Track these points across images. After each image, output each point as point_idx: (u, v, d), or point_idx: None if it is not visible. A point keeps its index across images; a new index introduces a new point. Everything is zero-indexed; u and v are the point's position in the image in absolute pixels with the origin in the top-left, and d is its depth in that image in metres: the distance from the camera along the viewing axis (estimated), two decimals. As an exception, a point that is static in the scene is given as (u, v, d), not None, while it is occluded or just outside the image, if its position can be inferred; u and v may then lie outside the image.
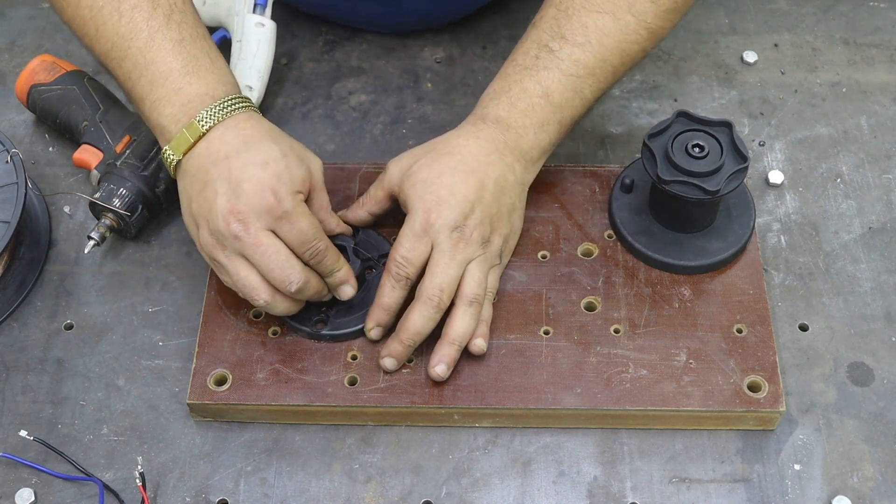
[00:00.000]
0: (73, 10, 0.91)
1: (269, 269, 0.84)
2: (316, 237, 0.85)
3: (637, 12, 0.92)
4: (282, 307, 0.87)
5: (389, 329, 0.90)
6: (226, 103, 0.87)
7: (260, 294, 0.85)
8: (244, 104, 0.88)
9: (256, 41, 1.06)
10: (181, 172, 0.88)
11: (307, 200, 0.88)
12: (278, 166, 0.84)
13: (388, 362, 0.88)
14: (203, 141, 0.86)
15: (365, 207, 0.95)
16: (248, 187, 0.83)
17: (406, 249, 0.88)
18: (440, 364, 0.87)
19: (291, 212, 0.84)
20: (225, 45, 1.10)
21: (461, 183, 0.88)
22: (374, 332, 0.90)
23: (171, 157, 0.87)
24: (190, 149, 0.86)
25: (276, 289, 0.85)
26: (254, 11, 1.08)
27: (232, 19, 1.09)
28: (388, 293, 0.89)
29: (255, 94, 1.07)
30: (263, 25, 1.07)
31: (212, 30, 1.14)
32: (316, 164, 0.90)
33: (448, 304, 0.87)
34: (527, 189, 0.95)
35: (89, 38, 0.91)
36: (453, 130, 0.93)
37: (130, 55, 0.88)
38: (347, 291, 0.90)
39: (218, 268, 0.87)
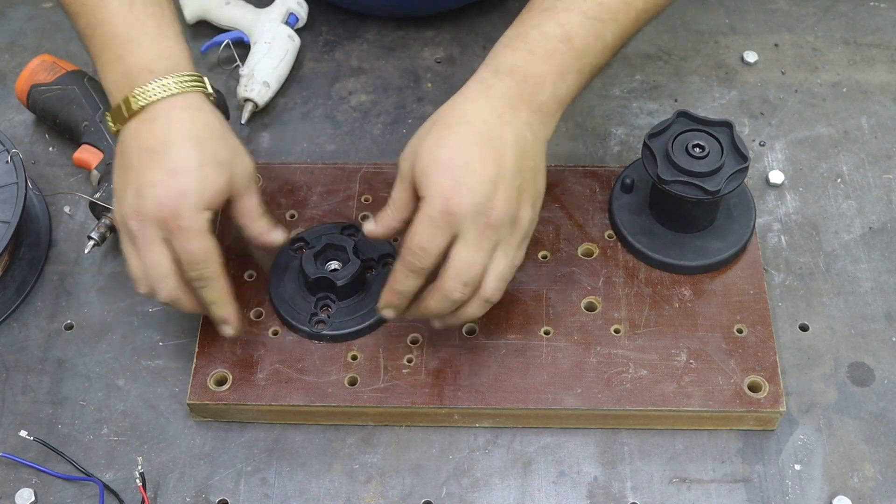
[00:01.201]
0: None
1: (147, 272, 0.83)
2: (203, 262, 0.82)
3: None
4: (162, 301, 0.85)
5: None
6: (163, 83, 0.83)
7: (138, 286, 0.84)
8: (186, 84, 0.83)
9: (285, 49, 1.13)
10: (118, 142, 0.86)
11: (230, 205, 0.85)
12: (188, 178, 0.81)
13: (388, 313, 0.86)
14: (135, 120, 0.83)
15: (396, 216, 0.85)
16: (153, 194, 0.80)
17: (424, 240, 0.80)
18: (436, 322, 0.85)
19: (186, 230, 0.81)
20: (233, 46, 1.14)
21: (478, 158, 0.79)
22: (386, 312, 0.86)
23: (111, 124, 0.86)
24: (124, 123, 0.84)
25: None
26: (285, 23, 1.15)
27: (259, 24, 1.14)
28: (402, 282, 0.82)
29: (270, 92, 1.11)
30: (293, 39, 1.14)
31: (223, 30, 1.16)
32: (243, 168, 0.84)
33: (470, 296, 0.81)
34: (545, 146, 0.85)
35: None
36: (461, 91, 0.84)
37: (84, 13, 0.86)
38: (226, 332, 0.87)
39: (121, 238, 0.86)
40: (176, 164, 0.81)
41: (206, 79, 0.86)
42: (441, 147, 0.80)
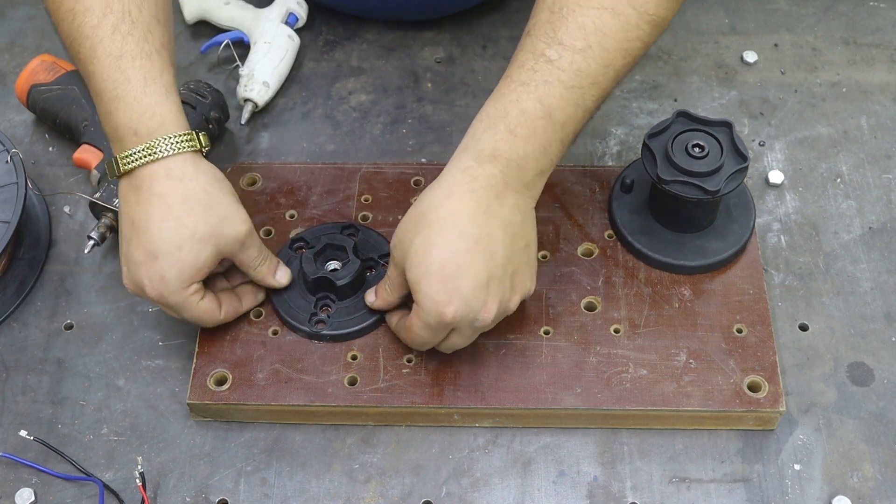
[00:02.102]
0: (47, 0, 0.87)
1: (182, 316, 0.88)
2: (199, 321, 0.88)
3: (637, 3, 0.81)
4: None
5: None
6: (144, 149, 0.82)
7: None
8: (172, 146, 0.82)
9: (285, 49, 1.13)
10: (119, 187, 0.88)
11: (233, 260, 0.88)
12: (167, 262, 0.82)
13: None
14: (124, 181, 0.84)
15: (393, 294, 0.88)
16: (138, 274, 0.84)
17: (423, 339, 0.84)
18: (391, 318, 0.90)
19: (174, 306, 0.85)
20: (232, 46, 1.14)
21: (469, 265, 0.79)
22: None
23: (109, 175, 0.87)
24: (118, 178, 0.85)
25: None
26: (285, 22, 1.15)
27: (259, 24, 1.14)
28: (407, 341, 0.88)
29: (270, 92, 1.11)
30: (293, 39, 1.14)
31: (223, 30, 1.16)
32: (231, 234, 0.85)
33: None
34: (533, 209, 0.85)
35: (58, 29, 0.87)
36: (445, 179, 0.82)
37: (80, 59, 0.85)
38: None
39: None
40: (155, 246, 0.82)
41: (197, 133, 0.85)
42: (431, 255, 0.80)
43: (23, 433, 0.88)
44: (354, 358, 0.91)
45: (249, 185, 1.01)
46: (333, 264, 0.94)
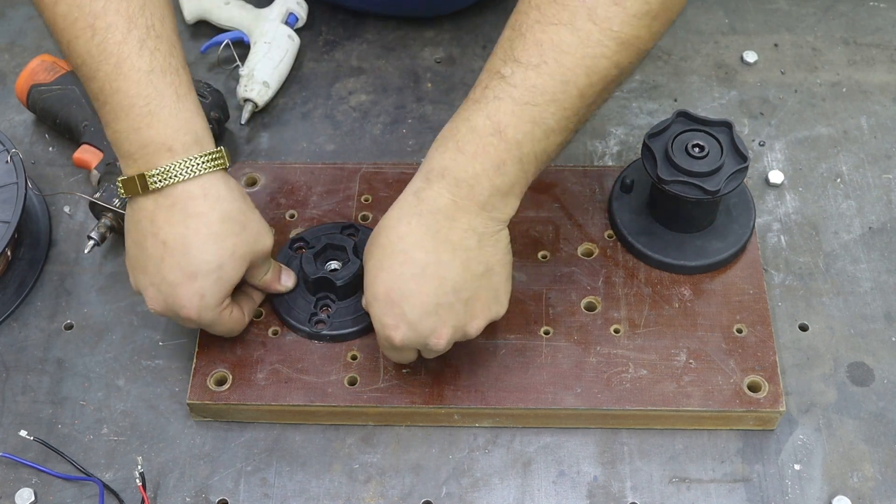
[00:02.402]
0: (49, 13, 0.82)
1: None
2: (232, 332, 0.89)
3: (599, 19, 0.76)
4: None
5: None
6: (181, 166, 0.81)
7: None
8: (205, 164, 0.82)
9: (285, 49, 1.13)
10: (128, 209, 0.85)
11: (248, 273, 0.88)
12: (207, 281, 0.82)
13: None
14: (150, 200, 0.82)
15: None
16: (173, 294, 0.83)
17: (393, 358, 0.87)
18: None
19: (209, 323, 0.86)
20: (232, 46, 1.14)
21: (415, 292, 0.79)
22: None
23: (121, 191, 0.83)
24: (137, 196, 0.82)
25: None
26: (285, 22, 1.15)
27: (259, 24, 1.14)
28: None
29: (270, 92, 1.11)
30: (293, 39, 1.14)
31: (223, 30, 1.16)
32: (261, 250, 0.86)
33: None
34: (502, 232, 0.82)
35: (63, 47, 0.84)
36: (396, 205, 0.82)
37: (99, 77, 0.81)
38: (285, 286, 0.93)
39: None
40: (195, 266, 0.82)
41: (224, 150, 0.84)
42: (378, 279, 0.81)
43: (23, 433, 0.88)
44: (354, 358, 0.91)
45: (249, 186, 1.01)
46: (333, 264, 0.94)
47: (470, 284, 0.80)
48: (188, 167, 0.81)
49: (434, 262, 0.79)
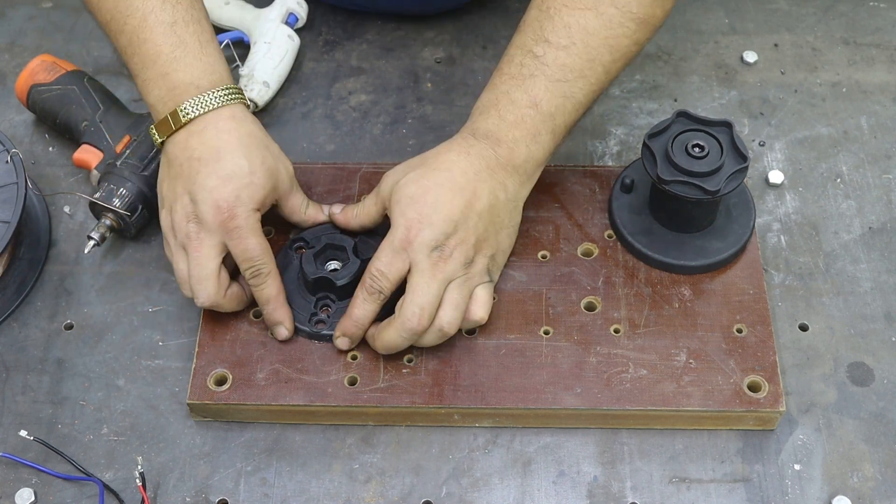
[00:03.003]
0: None
1: (191, 273, 0.88)
2: (260, 258, 0.88)
3: (620, 4, 0.88)
4: (200, 304, 0.90)
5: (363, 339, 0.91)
6: (210, 96, 0.88)
7: (184, 288, 0.90)
8: (229, 97, 0.89)
9: (285, 49, 1.13)
10: (163, 153, 0.91)
11: (279, 205, 0.92)
12: (241, 182, 0.86)
13: (342, 343, 0.90)
14: (183, 131, 0.88)
15: (358, 220, 0.93)
16: (209, 199, 0.86)
17: (383, 263, 0.86)
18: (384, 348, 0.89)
19: (243, 228, 0.86)
20: (232, 46, 1.14)
21: (447, 202, 0.86)
22: (340, 342, 0.90)
23: (156, 137, 0.90)
24: (171, 135, 0.89)
25: None
26: (285, 23, 1.15)
27: (259, 24, 1.14)
28: (360, 305, 0.88)
29: (270, 92, 1.11)
30: (293, 39, 1.14)
31: (223, 30, 1.16)
32: (285, 171, 0.91)
33: (427, 325, 0.85)
34: (521, 205, 0.92)
35: (92, 7, 0.93)
36: (445, 143, 0.91)
37: (126, 31, 0.89)
38: (282, 333, 0.91)
39: (166, 245, 0.92)
40: (229, 170, 0.86)
41: (244, 91, 0.91)
42: (419, 186, 0.87)
43: (23, 433, 0.88)
44: (354, 358, 0.91)
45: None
46: (333, 264, 0.94)
47: (487, 226, 0.88)
48: (216, 97, 0.88)
49: (470, 189, 0.87)
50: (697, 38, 1.18)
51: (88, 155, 1.02)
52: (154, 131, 0.90)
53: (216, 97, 0.88)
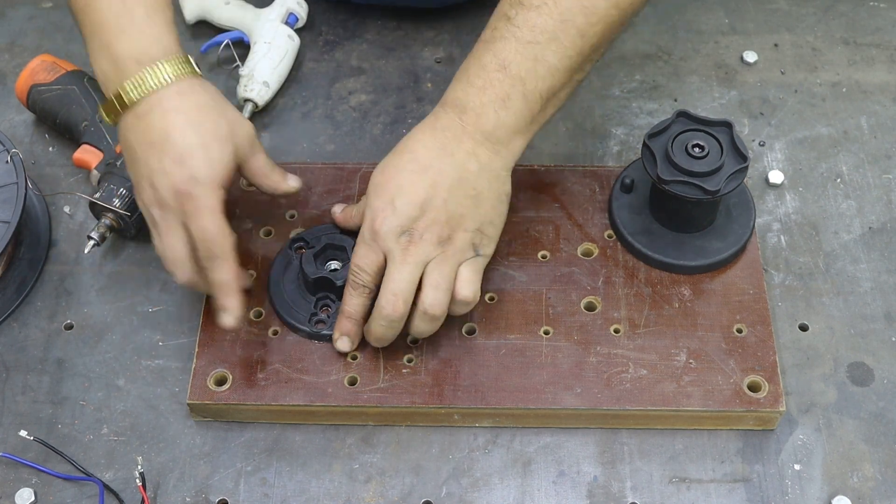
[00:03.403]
0: None
1: (166, 255, 0.87)
2: (213, 240, 0.84)
3: None
4: (179, 284, 0.89)
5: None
6: (152, 73, 0.84)
7: (164, 265, 0.88)
8: (174, 71, 0.85)
9: (285, 49, 1.13)
10: (119, 135, 0.89)
11: (242, 170, 0.89)
12: (195, 161, 0.84)
13: (343, 345, 0.90)
14: (130, 114, 0.85)
15: (356, 220, 0.92)
16: (166, 183, 0.84)
17: (359, 257, 0.86)
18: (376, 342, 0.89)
19: (201, 209, 0.84)
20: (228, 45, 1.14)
21: (409, 183, 0.85)
22: (340, 343, 0.89)
23: (106, 119, 0.88)
24: (120, 118, 0.86)
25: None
26: (285, 23, 1.15)
27: (259, 24, 1.14)
28: (348, 301, 0.88)
29: (269, 92, 1.11)
30: (293, 39, 1.14)
31: (223, 30, 1.16)
32: (243, 134, 0.88)
33: (405, 310, 0.85)
34: (504, 174, 0.89)
35: None
36: (416, 126, 0.90)
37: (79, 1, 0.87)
38: (226, 321, 0.87)
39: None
40: (180, 150, 0.84)
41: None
42: (384, 173, 0.87)
43: (23, 433, 0.88)
44: (354, 358, 0.91)
45: (249, 186, 1.01)
46: (333, 264, 0.94)
47: (459, 201, 0.86)
48: (159, 74, 0.84)
49: (434, 167, 0.86)
50: (697, 38, 1.18)
51: (88, 155, 1.02)
52: (102, 111, 0.88)
53: (159, 73, 0.84)
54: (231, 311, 0.86)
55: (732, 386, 0.88)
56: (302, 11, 1.17)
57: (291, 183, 0.92)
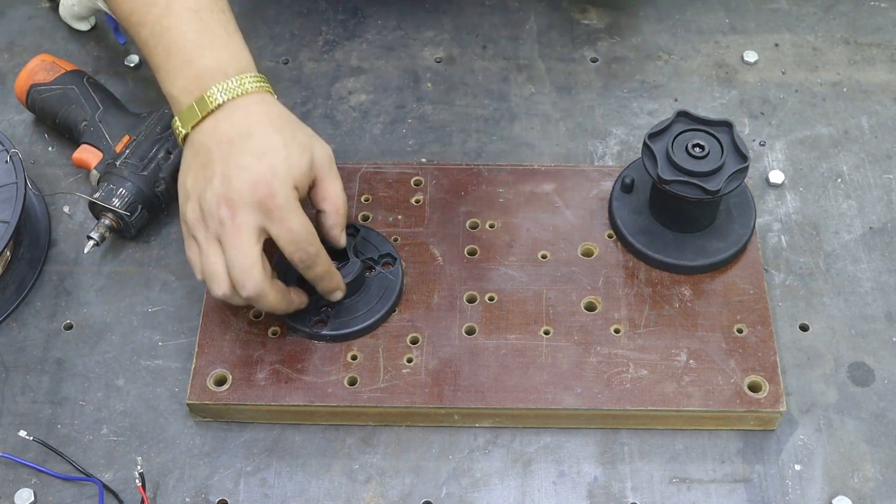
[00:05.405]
0: None
1: (232, 264, 0.82)
2: (306, 239, 0.84)
3: None
4: (237, 302, 0.86)
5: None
6: (237, 81, 0.85)
7: (220, 284, 0.84)
8: (257, 83, 0.86)
9: None
10: (187, 144, 0.87)
11: (313, 190, 0.87)
12: (276, 158, 0.83)
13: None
14: (211, 118, 0.85)
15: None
16: (243, 177, 0.82)
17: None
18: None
19: (284, 207, 0.82)
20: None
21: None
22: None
23: (180, 129, 0.87)
24: (198, 123, 0.85)
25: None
26: None
27: None
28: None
29: None
30: None
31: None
32: (322, 151, 0.88)
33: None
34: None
35: (111, 2, 0.92)
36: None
37: (148, 22, 0.88)
38: (337, 296, 0.90)
39: (191, 244, 0.86)
40: (262, 146, 0.83)
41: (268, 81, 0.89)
42: None
43: (22, 433, 0.88)
44: (354, 358, 0.91)
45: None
46: (333, 264, 0.94)
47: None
48: (244, 82, 0.86)
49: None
50: (697, 37, 1.17)
51: (88, 155, 1.02)
52: (178, 123, 0.87)
53: (244, 82, 0.85)
54: (341, 289, 0.90)
55: (733, 386, 0.88)
56: None
57: (342, 241, 0.91)
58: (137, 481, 0.85)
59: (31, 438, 0.88)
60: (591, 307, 0.93)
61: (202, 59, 0.86)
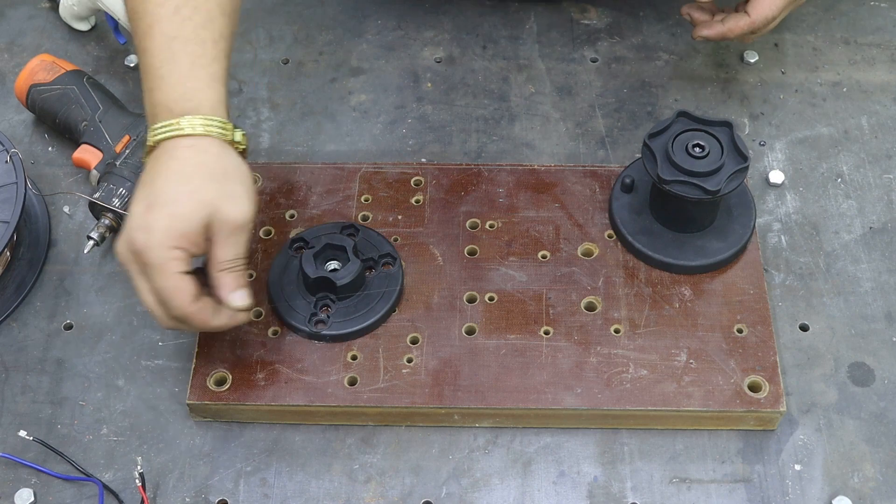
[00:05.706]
0: None
1: (144, 302, 0.83)
2: (170, 302, 0.81)
3: None
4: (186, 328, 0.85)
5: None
6: (174, 123, 0.82)
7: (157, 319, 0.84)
8: (201, 125, 0.82)
9: None
10: None
11: (209, 249, 0.82)
12: (159, 213, 0.79)
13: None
14: (150, 155, 0.85)
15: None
16: (129, 227, 0.81)
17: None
18: None
19: (152, 266, 0.80)
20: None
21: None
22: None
23: (144, 160, 0.87)
24: (147, 156, 0.86)
25: None
26: None
27: None
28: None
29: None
30: None
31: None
32: (228, 214, 0.81)
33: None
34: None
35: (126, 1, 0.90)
36: None
37: (138, 33, 0.87)
38: (239, 318, 0.85)
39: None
40: (153, 198, 0.81)
41: (233, 127, 0.85)
42: None
43: (22, 433, 0.88)
44: (354, 358, 0.91)
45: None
46: (333, 264, 0.94)
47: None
48: (180, 125, 0.82)
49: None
50: (698, 37, 1.17)
51: (88, 155, 1.02)
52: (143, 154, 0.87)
53: (181, 125, 0.82)
54: (235, 318, 0.85)
55: (733, 386, 0.88)
56: None
57: (234, 298, 0.83)
58: (137, 481, 0.85)
59: (31, 438, 0.88)
60: (591, 307, 0.93)
61: (157, 91, 0.84)
